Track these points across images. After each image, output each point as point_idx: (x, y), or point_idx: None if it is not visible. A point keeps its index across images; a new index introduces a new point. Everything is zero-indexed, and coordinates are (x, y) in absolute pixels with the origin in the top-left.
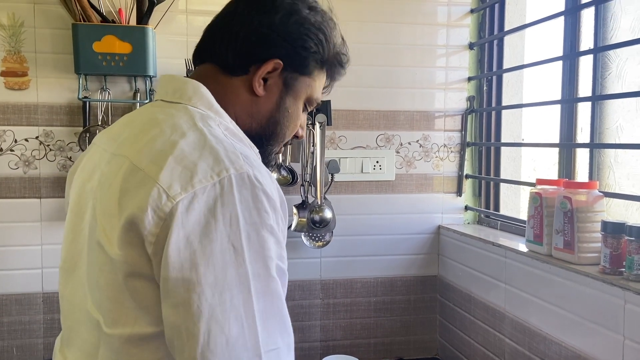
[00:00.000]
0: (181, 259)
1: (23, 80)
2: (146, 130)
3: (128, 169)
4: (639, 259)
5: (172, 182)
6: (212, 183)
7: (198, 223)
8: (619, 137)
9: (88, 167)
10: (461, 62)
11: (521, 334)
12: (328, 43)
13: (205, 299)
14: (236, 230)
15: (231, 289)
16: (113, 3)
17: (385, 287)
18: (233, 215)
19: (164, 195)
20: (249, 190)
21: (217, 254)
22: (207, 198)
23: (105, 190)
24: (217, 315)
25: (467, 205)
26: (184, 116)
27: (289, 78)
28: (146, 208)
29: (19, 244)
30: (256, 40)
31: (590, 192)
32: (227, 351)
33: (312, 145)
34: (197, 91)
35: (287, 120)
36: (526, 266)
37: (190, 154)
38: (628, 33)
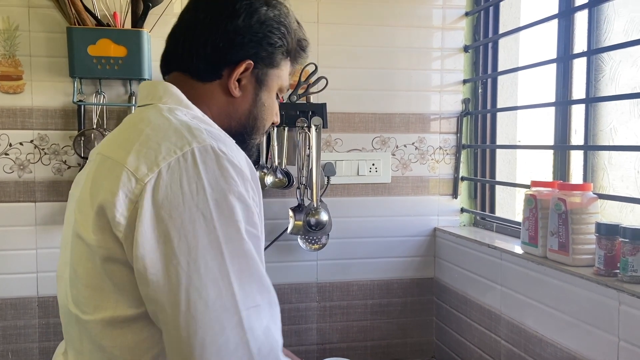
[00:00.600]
0: (155, 235)
1: (18, 84)
2: (119, 132)
3: (99, 161)
4: (633, 260)
5: (138, 165)
6: (175, 158)
7: (166, 198)
8: (613, 139)
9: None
10: (456, 65)
11: (517, 335)
12: (290, 33)
13: (182, 268)
14: (203, 198)
15: (204, 255)
16: (108, 6)
17: (381, 289)
18: (199, 185)
19: (132, 179)
20: (213, 161)
21: (188, 224)
22: (172, 172)
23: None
24: (195, 282)
25: (463, 208)
26: (151, 110)
27: (261, 74)
28: (117, 192)
29: (13, 248)
30: (225, 46)
31: (585, 194)
32: (207, 314)
33: (308, 148)
34: (167, 90)
35: (265, 113)
36: (521, 268)
37: (154, 136)
38: (621, 35)
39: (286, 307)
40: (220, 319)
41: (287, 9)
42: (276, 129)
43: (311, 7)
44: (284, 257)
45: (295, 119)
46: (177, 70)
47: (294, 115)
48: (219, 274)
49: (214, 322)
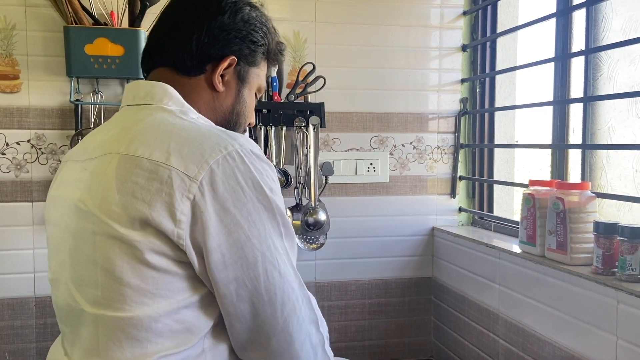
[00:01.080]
0: (226, 225)
1: (15, 83)
2: (127, 129)
3: (120, 160)
4: (631, 259)
5: (186, 164)
6: (222, 155)
7: (226, 191)
8: (611, 138)
9: (63, 183)
10: (454, 64)
11: (515, 334)
12: (271, 34)
13: (256, 248)
14: (260, 191)
15: (272, 236)
16: (105, 6)
17: (379, 289)
18: (254, 180)
19: (185, 178)
20: (256, 161)
21: (253, 212)
22: (224, 169)
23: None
24: (268, 257)
25: (461, 207)
26: (162, 113)
27: (242, 71)
28: (173, 193)
29: (11, 248)
30: (210, 41)
31: (583, 193)
32: (281, 280)
33: (306, 147)
34: (167, 92)
35: (246, 110)
36: (519, 267)
37: (188, 137)
38: (619, 34)
39: None
40: (291, 283)
41: (267, 16)
42: (274, 129)
43: (309, 7)
44: None
45: (293, 119)
46: (162, 66)
47: (291, 114)
48: (282, 251)
49: (286, 285)
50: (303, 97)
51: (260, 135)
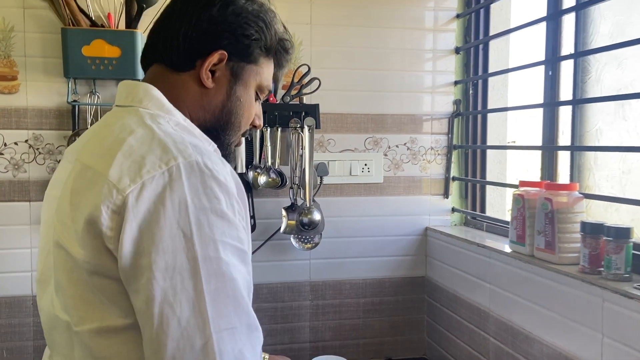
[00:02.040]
0: (135, 247)
1: (13, 84)
2: (97, 134)
3: (79, 170)
4: (616, 258)
5: (121, 176)
6: (160, 172)
7: (148, 211)
8: (599, 140)
9: (56, 181)
10: (447, 66)
11: (505, 333)
12: (269, 29)
13: (157, 283)
14: (185, 215)
15: (181, 272)
16: (102, 7)
17: (373, 288)
18: (182, 201)
19: (114, 190)
20: (197, 178)
21: (167, 239)
22: (155, 187)
23: (59, 194)
24: (169, 298)
25: (454, 207)
26: (133, 117)
27: (236, 67)
28: (100, 205)
29: (8, 247)
30: (197, 35)
31: (571, 194)
32: (179, 331)
33: (301, 148)
34: (148, 93)
35: (241, 109)
36: (509, 266)
37: (138, 148)
38: (607, 38)
39: (279, 306)
40: (191, 338)
41: (274, 13)
42: (269, 130)
43: (304, 9)
44: (277, 256)
45: (288, 120)
46: (155, 62)
47: (287, 115)
48: (194, 294)
49: (184, 340)
50: (298, 98)
51: (256, 137)
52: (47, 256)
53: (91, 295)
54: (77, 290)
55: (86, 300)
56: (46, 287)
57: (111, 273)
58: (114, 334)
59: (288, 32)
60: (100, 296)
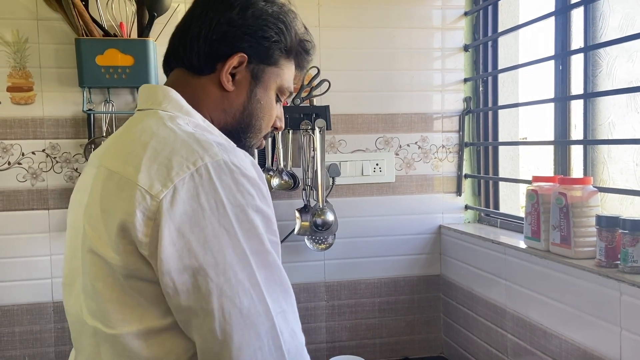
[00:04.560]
0: (178, 250)
1: (29, 95)
2: (119, 138)
3: (105, 175)
4: (633, 251)
5: (151, 182)
6: (189, 173)
7: (185, 214)
8: (612, 133)
9: (81, 185)
10: (457, 64)
11: (522, 329)
12: (289, 31)
13: (211, 279)
14: (224, 214)
15: (232, 266)
16: (114, 17)
17: (388, 287)
18: (218, 201)
19: (147, 196)
20: (228, 176)
21: (211, 238)
22: (187, 188)
23: (88, 200)
24: (226, 292)
25: (467, 205)
26: (153, 119)
27: (256, 70)
28: (134, 212)
29: (28, 255)
30: (217, 38)
31: (585, 188)
32: (242, 320)
33: (313, 150)
34: (166, 95)
35: (261, 112)
36: (525, 262)
37: (162, 150)
38: (617, 31)
39: None
40: (256, 325)
41: (294, 14)
42: (281, 132)
43: (312, 12)
44: (292, 258)
45: (299, 122)
46: (176, 67)
47: (297, 118)
48: (249, 284)
49: (249, 327)
50: (308, 100)
51: (268, 140)
52: (73, 259)
53: (129, 298)
54: (114, 294)
55: (124, 303)
56: (71, 291)
57: (148, 276)
58: (153, 335)
59: (309, 33)
60: (139, 298)
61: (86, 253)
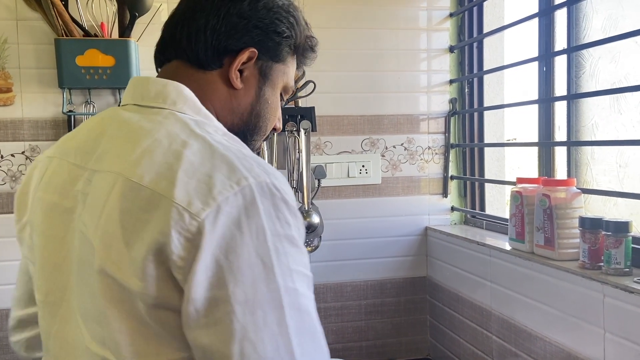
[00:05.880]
0: (209, 278)
1: (8, 96)
2: (134, 141)
3: (125, 186)
4: (616, 253)
5: (190, 199)
6: (232, 193)
7: (223, 237)
8: (595, 135)
9: (56, 184)
10: (442, 65)
11: (507, 331)
12: (299, 26)
13: (237, 318)
14: (263, 243)
15: (262, 305)
16: (95, 17)
17: (375, 289)
18: (259, 227)
19: (185, 215)
20: (269, 200)
21: (246, 269)
22: (230, 209)
23: (97, 212)
24: (250, 335)
25: (454, 206)
26: (176, 123)
27: (265, 67)
28: (169, 232)
29: (7, 259)
30: (227, 30)
31: (568, 189)
32: None
33: (298, 151)
34: (181, 94)
35: (268, 112)
36: (510, 264)
37: (201, 164)
38: (600, 32)
39: None
40: None
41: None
42: None
43: None
44: None
45: (285, 123)
46: (176, 58)
47: (283, 119)
48: (278, 329)
49: None
50: (294, 101)
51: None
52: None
53: (145, 329)
54: (129, 324)
55: (139, 334)
56: (57, 310)
57: (174, 305)
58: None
59: (310, 28)
60: (159, 329)
61: (94, 273)
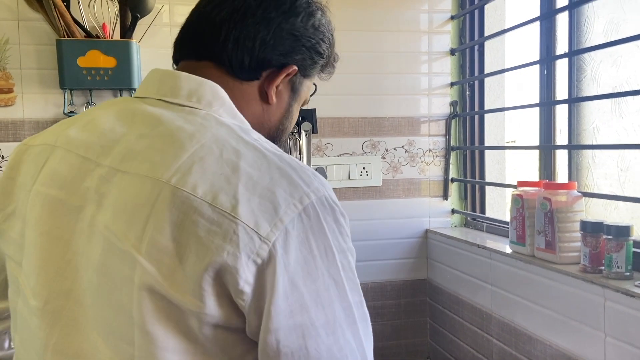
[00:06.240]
0: (290, 305)
1: (9, 96)
2: (177, 144)
3: (174, 196)
4: (617, 257)
5: (257, 219)
6: (297, 213)
7: (297, 262)
8: (596, 138)
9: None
10: (443, 68)
11: (508, 334)
12: (333, 46)
13: (322, 341)
14: (333, 262)
15: (341, 324)
16: (97, 18)
17: (375, 292)
18: (327, 246)
19: (255, 237)
20: (331, 216)
21: (323, 292)
22: (298, 232)
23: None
24: (335, 354)
25: (454, 209)
26: (220, 127)
27: (296, 82)
28: (238, 254)
29: None
30: (275, 44)
31: (569, 193)
32: None
33: (299, 153)
34: (217, 95)
35: (290, 126)
36: (510, 267)
37: (260, 178)
38: (601, 36)
39: None
40: None
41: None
42: None
43: None
44: None
45: None
46: (210, 59)
47: None
48: (355, 343)
49: None
50: None
51: None
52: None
53: (194, 346)
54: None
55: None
56: (56, 320)
57: (233, 325)
58: None
59: None
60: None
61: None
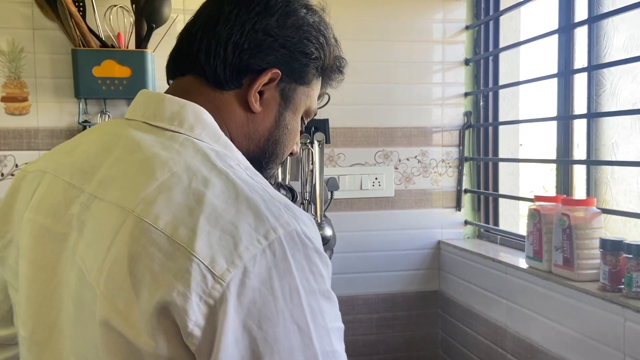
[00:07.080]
0: (240, 351)
1: (23, 105)
2: (148, 172)
3: (135, 227)
4: (637, 276)
5: (213, 255)
6: (260, 250)
7: (254, 303)
8: (615, 154)
9: (48, 206)
10: (457, 78)
11: (523, 350)
12: (328, 46)
13: None
14: (298, 305)
15: None
16: (112, 28)
17: (386, 303)
18: (292, 287)
19: (208, 276)
20: (301, 253)
21: (282, 338)
22: (259, 270)
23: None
24: None
25: (467, 220)
26: (196, 155)
27: (287, 89)
28: (188, 294)
29: None
30: (250, 48)
31: (588, 209)
32: None
33: (311, 163)
34: (199, 118)
35: (287, 138)
36: (526, 282)
37: (224, 211)
38: (621, 51)
39: None
40: None
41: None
42: None
43: None
44: None
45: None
46: (191, 73)
47: None
48: None
49: None
50: None
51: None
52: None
53: None
54: None
55: None
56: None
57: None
58: None
59: (340, 46)
60: None
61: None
